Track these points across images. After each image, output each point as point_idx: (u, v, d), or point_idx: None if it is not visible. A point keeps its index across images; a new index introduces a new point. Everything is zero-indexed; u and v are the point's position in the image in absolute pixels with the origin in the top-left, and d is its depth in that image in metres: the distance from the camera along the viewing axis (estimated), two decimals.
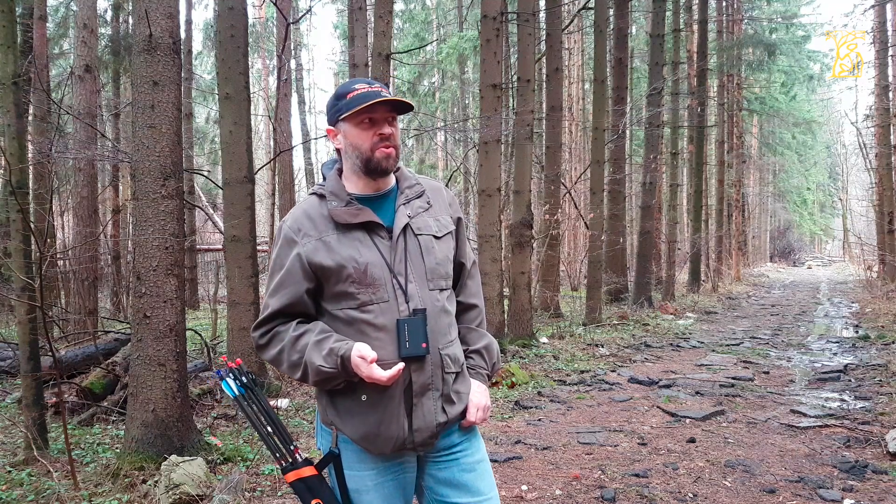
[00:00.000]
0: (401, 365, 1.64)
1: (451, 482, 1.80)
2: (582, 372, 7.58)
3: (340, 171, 1.82)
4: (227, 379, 1.77)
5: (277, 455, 1.75)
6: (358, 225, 1.72)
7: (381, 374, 1.61)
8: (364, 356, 1.62)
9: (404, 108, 1.73)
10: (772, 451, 4.54)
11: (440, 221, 1.83)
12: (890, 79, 19.73)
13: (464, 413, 1.82)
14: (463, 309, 1.92)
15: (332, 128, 1.79)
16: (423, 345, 1.68)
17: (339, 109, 1.73)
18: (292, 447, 1.75)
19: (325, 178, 1.84)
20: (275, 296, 1.74)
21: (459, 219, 1.91)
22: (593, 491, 3.83)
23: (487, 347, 1.93)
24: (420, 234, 1.77)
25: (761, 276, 29.43)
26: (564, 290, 15.98)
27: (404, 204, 1.79)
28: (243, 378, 1.77)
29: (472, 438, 1.87)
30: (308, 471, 1.73)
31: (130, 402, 4.13)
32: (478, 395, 1.86)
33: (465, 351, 1.89)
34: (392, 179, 1.83)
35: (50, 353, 4.91)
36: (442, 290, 1.79)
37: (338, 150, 1.81)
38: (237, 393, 1.76)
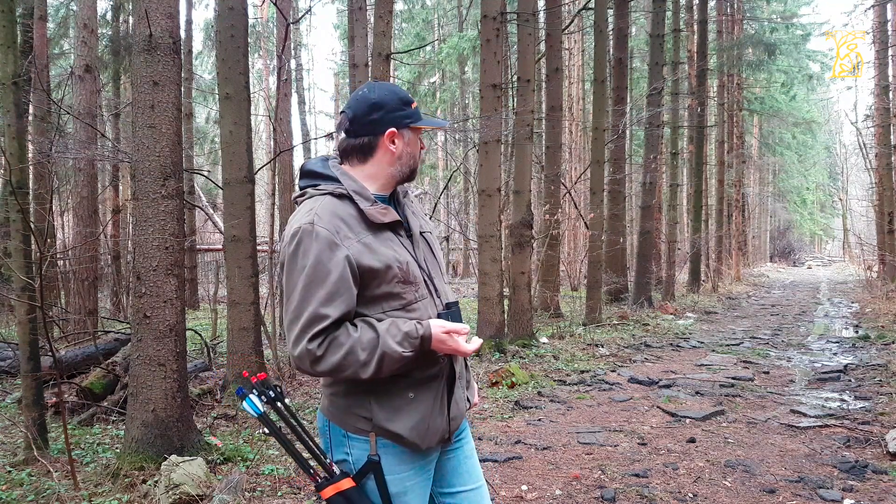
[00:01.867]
0: (479, 340, 1.75)
1: (456, 470, 1.87)
2: (582, 372, 7.58)
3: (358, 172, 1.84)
4: (251, 396, 1.67)
5: (311, 471, 1.71)
6: (386, 225, 1.71)
7: (469, 347, 1.70)
8: (452, 330, 1.67)
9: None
10: (772, 451, 4.54)
11: (427, 219, 1.94)
12: (890, 79, 19.71)
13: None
14: None
15: (396, 130, 1.74)
16: None
17: (408, 116, 1.75)
18: (329, 461, 1.71)
19: (311, 178, 1.77)
20: (330, 305, 1.59)
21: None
22: (593, 491, 3.83)
23: None
24: (424, 232, 1.86)
25: (761, 276, 29.43)
26: (564, 290, 15.97)
27: (405, 203, 1.87)
28: (271, 392, 1.68)
29: (467, 425, 1.98)
30: (347, 483, 1.68)
31: (130, 402, 4.13)
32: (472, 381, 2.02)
33: None
34: None
35: (50, 353, 4.91)
36: (449, 283, 1.88)
37: (363, 150, 1.74)
38: (262, 411, 1.68)
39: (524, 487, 3.90)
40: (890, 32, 19.24)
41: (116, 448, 4.56)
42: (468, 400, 1.88)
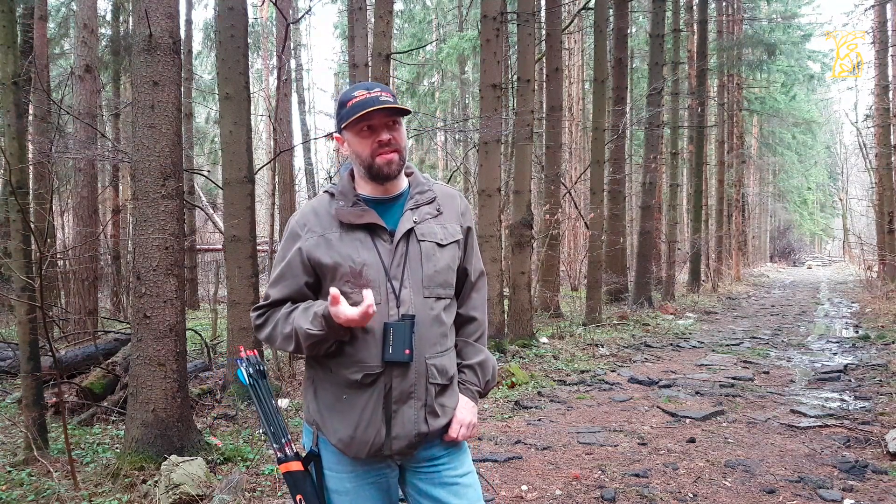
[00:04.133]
0: (369, 299, 1.59)
1: (430, 496, 1.78)
2: (582, 372, 7.58)
3: (352, 173, 1.84)
4: (241, 368, 1.84)
5: (276, 446, 1.78)
6: (361, 226, 1.73)
7: (352, 312, 1.58)
8: (335, 297, 1.58)
9: (402, 110, 1.73)
10: (772, 451, 4.54)
11: (447, 229, 1.80)
12: (890, 79, 19.72)
13: (447, 427, 1.78)
14: (462, 322, 1.89)
15: (339, 136, 1.80)
16: (407, 351, 1.66)
17: (341, 118, 1.74)
18: (284, 441, 1.78)
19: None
20: (275, 287, 1.78)
21: (469, 228, 1.88)
22: (593, 491, 3.83)
23: (482, 364, 1.88)
24: (423, 241, 1.75)
25: (761, 276, 29.43)
26: (564, 290, 15.98)
27: (412, 209, 1.77)
28: (250, 370, 1.83)
29: (456, 453, 1.83)
30: (295, 465, 1.75)
31: (130, 402, 4.13)
32: (463, 412, 1.81)
33: (458, 365, 1.85)
34: (404, 183, 1.83)
35: (50, 353, 4.91)
36: (439, 298, 1.76)
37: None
38: (249, 382, 1.83)
39: (524, 487, 3.90)
40: (890, 32, 19.23)
41: (116, 448, 4.56)
42: (427, 423, 1.72)
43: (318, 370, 1.78)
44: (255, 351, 1.88)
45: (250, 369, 1.82)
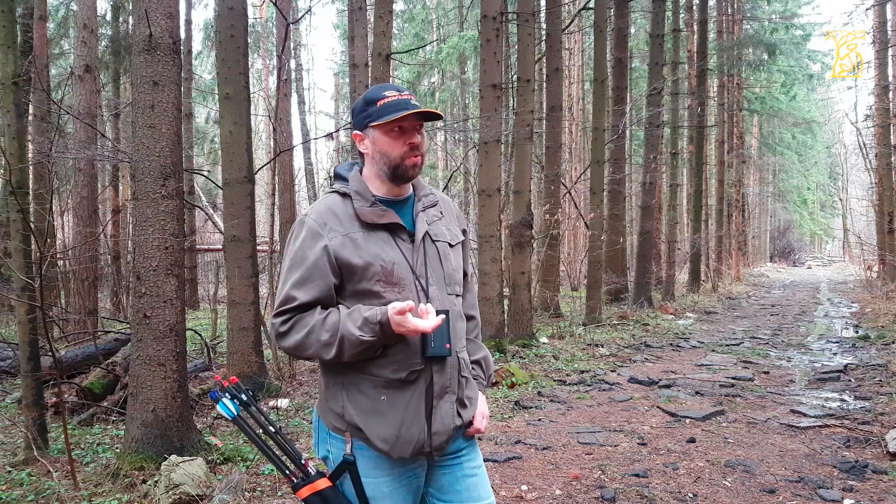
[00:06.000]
0: (441, 316, 1.65)
1: (452, 488, 1.83)
2: (582, 372, 7.58)
3: (360, 173, 1.84)
4: (224, 399, 1.72)
5: (287, 472, 1.73)
6: (382, 225, 1.74)
7: (427, 324, 1.61)
8: (402, 310, 1.59)
9: (433, 116, 1.76)
10: (772, 451, 4.54)
11: (451, 231, 1.88)
12: (890, 79, 19.71)
13: (471, 420, 1.85)
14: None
15: (359, 133, 1.80)
16: (447, 346, 1.69)
17: (368, 115, 1.75)
18: (303, 461, 1.73)
19: (337, 180, 1.85)
20: (301, 289, 1.68)
21: (465, 231, 1.96)
22: (593, 491, 3.83)
23: (486, 359, 1.99)
24: (437, 241, 1.81)
25: (761, 276, 29.43)
26: (564, 290, 15.97)
27: (422, 211, 1.83)
28: (242, 396, 1.73)
29: (474, 444, 1.92)
30: (323, 483, 1.71)
31: (130, 402, 4.13)
32: (482, 404, 1.91)
33: None
34: (409, 186, 1.87)
35: (50, 353, 4.91)
36: (458, 295, 1.85)
37: (361, 154, 1.83)
38: (235, 414, 1.73)
39: (524, 487, 3.90)
40: (890, 32, 19.22)
41: (116, 448, 4.56)
42: (460, 416, 1.78)
43: (349, 374, 1.73)
44: (236, 378, 1.80)
45: (240, 396, 1.74)
